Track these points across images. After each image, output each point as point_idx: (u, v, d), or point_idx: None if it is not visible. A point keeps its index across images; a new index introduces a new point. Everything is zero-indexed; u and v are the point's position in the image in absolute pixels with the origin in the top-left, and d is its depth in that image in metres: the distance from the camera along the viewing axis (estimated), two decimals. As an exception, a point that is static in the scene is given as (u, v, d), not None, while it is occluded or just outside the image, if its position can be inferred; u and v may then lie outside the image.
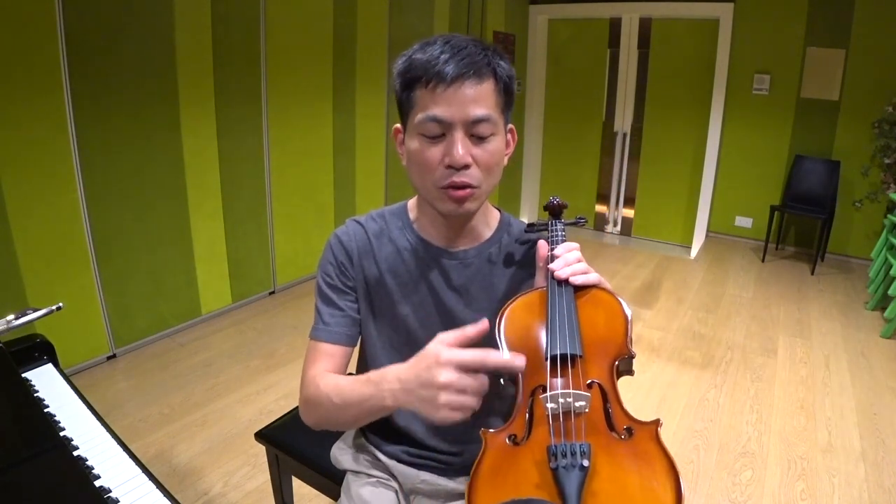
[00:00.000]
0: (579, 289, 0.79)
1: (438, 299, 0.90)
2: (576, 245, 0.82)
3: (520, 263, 0.93)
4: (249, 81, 2.92)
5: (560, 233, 0.90)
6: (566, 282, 0.78)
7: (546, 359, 0.72)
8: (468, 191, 0.78)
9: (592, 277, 0.79)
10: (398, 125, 0.84)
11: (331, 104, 3.39)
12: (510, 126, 0.86)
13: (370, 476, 0.98)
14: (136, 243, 2.55)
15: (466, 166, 0.77)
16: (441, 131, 0.76)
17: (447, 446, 0.94)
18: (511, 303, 0.81)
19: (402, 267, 0.91)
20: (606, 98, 4.92)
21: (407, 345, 0.91)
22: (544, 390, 0.68)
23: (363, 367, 1.00)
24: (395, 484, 0.97)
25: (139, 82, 2.42)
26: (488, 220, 0.93)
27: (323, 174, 3.47)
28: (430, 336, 0.87)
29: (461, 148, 0.75)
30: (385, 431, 0.98)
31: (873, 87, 3.94)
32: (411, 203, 0.95)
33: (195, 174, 2.74)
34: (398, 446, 0.96)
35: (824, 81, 4.11)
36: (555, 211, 0.99)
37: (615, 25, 4.73)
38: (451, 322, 0.89)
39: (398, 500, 0.96)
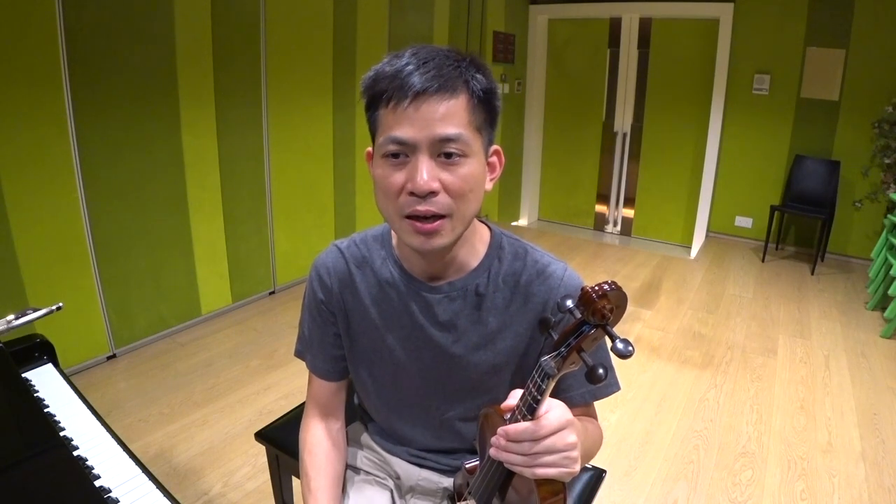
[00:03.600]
0: None
1: (426, 335, 0.83)
2: (552, 426, 0.59)
3: (514, 294, 0.82)
4: (249, 81, 2.92)
5: (542, 378, 0.56)
6: None
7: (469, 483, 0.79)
8: (436, 223, 0.69)
9: (544, 472, 0.60)
10: (370, 148, 0.76)
11: (331, 104, 3.39)
12: (495, 147, 0.76)
13: (368, 474, 0.99)
14: (136, 243, 2.55)
15: (433, 193, 0.68)
16: (405, 153, 0.68)
17: (447, 457, 0.95)
18: (490, 408, 0.72)
19: (386, 301, 0.85)
20: (606, 98, 4.92)
21: (400, 379, 0.88)
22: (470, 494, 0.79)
23: (360, 399, 1.01)
24: (390, 484, 0.98)
25: (139, 82, 2.42)
26: (475, 246, 0.82)
27: (323, 174, 3.47)
28: (421, 372, 0.86)
29: (426, 172, 0.67)
30: (389, 437, 0.98)
31: (873, 87, 3.94)
32: None
33: (195, 174, 2.73)
34: (402, 447, 0.97)
35: (824, 81, 4.11)
36: (593, 313, 0.51)
37: (615, 25, 4.73)
38: (442, 358, 0.84)
39: (392, 499, 0.96)
